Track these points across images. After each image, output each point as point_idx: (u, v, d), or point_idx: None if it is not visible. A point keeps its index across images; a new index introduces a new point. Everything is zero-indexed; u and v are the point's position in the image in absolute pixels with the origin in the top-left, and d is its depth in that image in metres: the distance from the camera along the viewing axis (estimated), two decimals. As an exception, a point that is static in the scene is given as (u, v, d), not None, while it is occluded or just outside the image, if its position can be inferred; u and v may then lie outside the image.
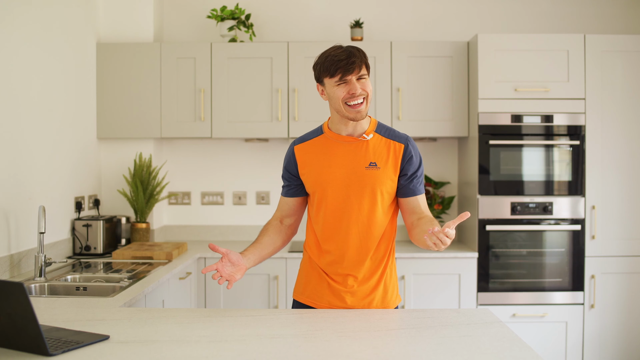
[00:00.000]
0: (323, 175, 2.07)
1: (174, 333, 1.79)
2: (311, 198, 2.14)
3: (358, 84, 1.97)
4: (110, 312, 2.09)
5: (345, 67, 1.94)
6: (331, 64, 1.96)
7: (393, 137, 2.08)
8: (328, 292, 2.11)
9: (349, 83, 1.97)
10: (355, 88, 1.96)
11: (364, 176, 2.03)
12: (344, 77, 1.96)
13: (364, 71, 1.98)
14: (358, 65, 1.96)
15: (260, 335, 1.76)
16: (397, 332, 1.80)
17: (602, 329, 3.66)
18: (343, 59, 1.94)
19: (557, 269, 3.67)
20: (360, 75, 1.98)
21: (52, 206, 3.23)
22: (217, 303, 3.65)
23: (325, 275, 2.12)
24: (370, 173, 2.03)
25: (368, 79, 2.01)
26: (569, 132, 3.68)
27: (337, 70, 1.95)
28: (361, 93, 1.98)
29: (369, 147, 2.05)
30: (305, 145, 2.13)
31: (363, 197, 2.04)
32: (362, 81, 1.98)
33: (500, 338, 1.75)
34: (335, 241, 2.08)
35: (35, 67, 3.09)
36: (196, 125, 3.88)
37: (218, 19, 4.00)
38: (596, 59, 3.66)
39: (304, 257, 2.22)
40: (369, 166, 2.03)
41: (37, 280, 2.75)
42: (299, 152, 2.13)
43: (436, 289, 3.65)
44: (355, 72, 1.96)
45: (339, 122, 2.07)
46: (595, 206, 3.66)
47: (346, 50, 1.97)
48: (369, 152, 2.05)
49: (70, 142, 3.49)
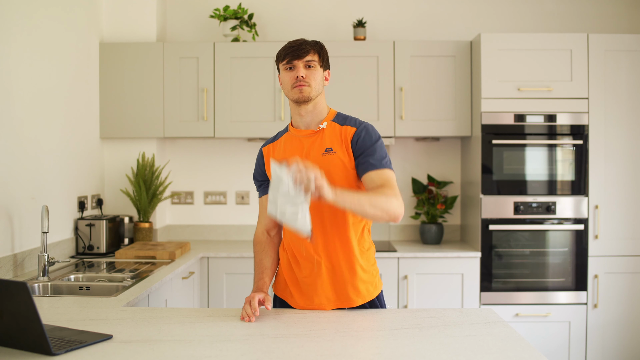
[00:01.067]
0: None
1: (176, 333, 1.79)
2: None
3: (304, 70, 2.03)
4: (113, 312, 2.09)
5: (293, 52, 2.03)
6: (283, 50, 2.07)
7: (348, 123, 2.09)
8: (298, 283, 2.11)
9: (295, 67, 2.04)
10: (299, 71, 2.02)
11: (321, 162, 2.02)
12: (291, 61, 2.03)
13: (314, 58, 2.04)
14: (307, 52, 2.03)
15: (263, 335, 1.76)
16: (400, 332, 1.80)
17: (606, 328, 3.65)
18: (294, 46, 2.04)
19: (560, 268, 3.67)
20: (308, 62, 2.04)
21: (55, 206, 3.24)
22: (220, 303, 3.65)
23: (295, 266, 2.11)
24: (326, 158, 2.04)
25: (318, 69, 2.06)
26: (572, 132, 3.67)
27: (287, 55, 2.04)
28: (304, 78, 2.02)
29: (325, 136, 2.08)
30: (272, 145, 2.19)
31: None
32: (310, 69, 2.04)
33: (503, 338, 1.75)
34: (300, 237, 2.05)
35: (39, 67, 3.10)
36: (199, 125, 3.88)
37: (221, 19, 4.00)
38: (599, 59, 3.64)
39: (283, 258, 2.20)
40: (325, 152, 2.05)
41: (40, 279, 2.75)
42: (266, 153, 2.18)
43: (439, 289, 3.64)
44: (303, 59, 2.03)
45: (294, 112, 2.12)
46: (598, 206, 3.65)
47: (301, 40, 2.08)
48: (325, 140, 2.07)
49: (73, 142, 3.50)
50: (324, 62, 2.10)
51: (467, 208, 4.04)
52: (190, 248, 3.79)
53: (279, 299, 2.20)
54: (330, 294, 2.07)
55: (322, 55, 2.09)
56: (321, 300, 2.08)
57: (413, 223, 4.24)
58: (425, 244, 3.99)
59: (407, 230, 4.23)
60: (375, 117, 3.82)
